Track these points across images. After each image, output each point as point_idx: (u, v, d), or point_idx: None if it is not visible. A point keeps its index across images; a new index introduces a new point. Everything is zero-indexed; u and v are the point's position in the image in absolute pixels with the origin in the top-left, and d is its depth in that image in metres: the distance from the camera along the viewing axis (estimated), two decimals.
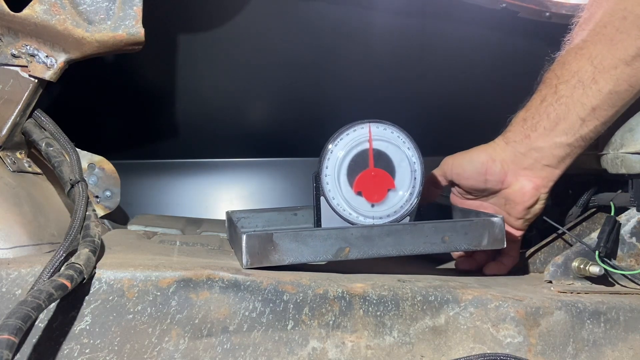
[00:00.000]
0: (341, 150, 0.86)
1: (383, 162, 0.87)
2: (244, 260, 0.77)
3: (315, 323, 0.75)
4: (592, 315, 0.81)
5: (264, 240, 0.78)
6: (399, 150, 0.87)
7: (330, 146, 0.86)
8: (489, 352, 0.77)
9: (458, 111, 1.43)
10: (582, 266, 0.87)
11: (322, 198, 0.86)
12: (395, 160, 0.87)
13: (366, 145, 0.86)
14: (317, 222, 0.88)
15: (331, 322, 0.76)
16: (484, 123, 1.44)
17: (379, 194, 0.86)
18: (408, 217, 0.88)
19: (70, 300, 0.69)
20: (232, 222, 0.96)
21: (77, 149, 0.94)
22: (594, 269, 0.86)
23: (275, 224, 1.06)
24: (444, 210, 1.01)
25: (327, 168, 0.86)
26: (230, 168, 1.56)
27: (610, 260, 0.89)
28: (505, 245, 0.86)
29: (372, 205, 0.87)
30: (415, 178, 0.87)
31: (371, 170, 0.86)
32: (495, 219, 0.85)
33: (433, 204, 1.04)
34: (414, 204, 0.87)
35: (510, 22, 1.15)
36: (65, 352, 0.68)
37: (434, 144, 1.43)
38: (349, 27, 1.24)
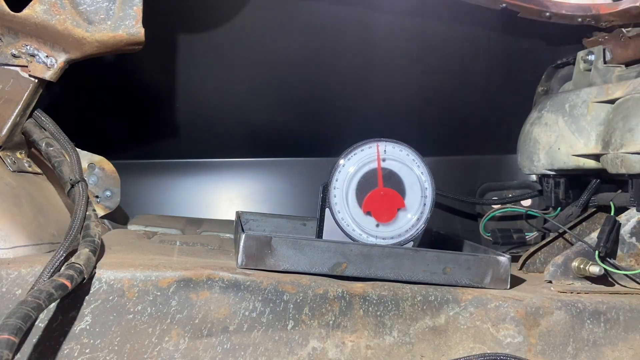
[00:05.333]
0: (352, 166, 0.85)
1: (394, 182, 0.85)
2: (239, 260, 0.77)
3: (315, 323, 0.75)
4: (592, 315, 0.81)
5: (262, 243, 0.78)
6: (411, 173, 0.85)
7: (341, 161, 0.85)
8: (489, 352, 0.77)
9: (457, 110, 1.42)
10: (582, 266, 0.87)
11: (327, 210, 0.85)
12: (407, 183, 0.85)
13: (378, 165, 0.84)
14: (319, 233, 0.87)
15: (331, 322, 0.76)
16: (484, 122, 1.45)
17: (389, 214, 0.85)
18: (412, 243, 0.86)
19: (70, 300, 0.69)
20: (239, 222, 0.96)
21: (77, 149, 0.94)
22: (594, 269, 0.86)
23: (283, 231, 1.05)
24: (454, 243, 0.99)
25: (336, 181, 0.84)
26: (231, 168, 1.56)
27: (610, 260, 0.90)
28: (509, 287, 0.83)
29: (377, 225, 0.85)
30: (424, 204, 0.86)
31: (380, 190, 0.85)
32: (501, 258, 0.83)
33: (445, 235, 1.03)
34: (420, 229, 0.86)
35: (510, 22, 1.15)
36: (65, 352, 0.68)
37: (434, 144, 1.43)
38: (350, 27, 1.24)
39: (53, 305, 0.68)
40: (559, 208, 1.10)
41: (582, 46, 1.16)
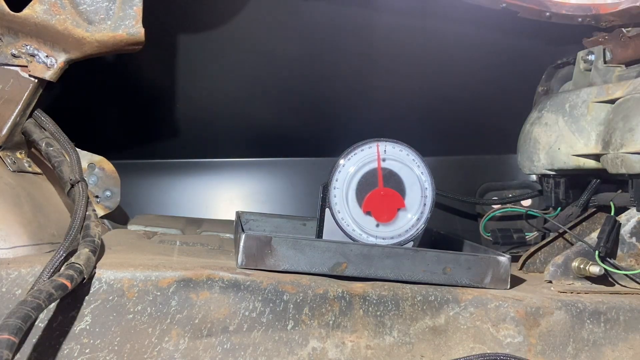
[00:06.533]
0: (352, 166, 0.85)
1: (394, 182, 0.85)
2: (239, 260, 0.77)
3: (315, 323, 0.75)
4: (592, 315, 0.81)
5: (262, 243, 0.78)
6: (411, 173, 0.85)
7: (341, 161, 0.85)
8: (489, 352, 0.77)
9: (457, 110, 1.42)
10: (582, 266, 0.87)
11: (327, 210, 0.85)
12: (407, 183, 0.85)
13: (377, 165, 0.85)
14: (319, 233, 0.87)
15: (331, 322, 0.76)
16: (483, 122, 1.45)
17: (389, 214, 0.85)
18: (412, 242, 0.86)
19: (70, 300, 0.69)
20: (239, 222, 0.96)
21: (77, 149, 0.94)
22: (594, 269, 0.86)
23: (283, 231, 1.05)
24: (454, 243, 0.99)
25: (336, 181, 0.84)
26: (231, 168, 1.56)
27: (610, 260, 0.90)
28: (509, 287, 0.83)
29: (377, 225, 0.85)
30: (424, 204, 0.86)
31: (380, 190, 0.85)
32: (501, 258, 0.83)
33: (445, 235, 1.03)
34: (420, 229, 0.86)
35: (510, 22, 1.15)
36: (65, 352, 0.68)
37: (434, 144, 1.43)
38: (349, 27, 1.24)
39: (53, 305, 0.68)
40: (559, 208, 1.10)
41: (582, 46, 1.16)
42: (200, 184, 1.54)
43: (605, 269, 0.87)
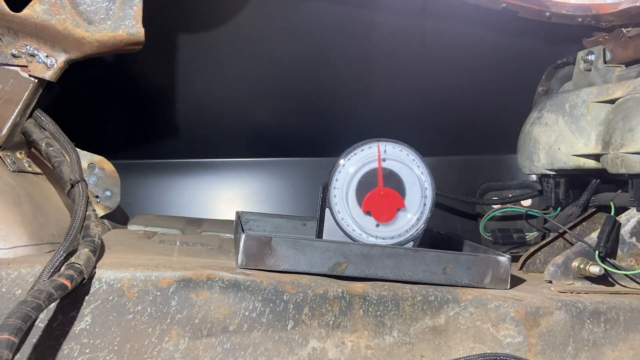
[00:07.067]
0: (352, 166, 0.85)
1: (394, 182, 0.85)
2: (239, 260, 0.77)
3: (315, 323, 0.75)
4: (592, 315, 0.81)
5: (262, 243, 0.78)
6: (411, 173, 0.86)
7: (341, 161, 0.85)
8: (489, 352, 0.77)
9: (457, 110, 1.42)
10: (582, 266, 0.87)
11: (327, 210, 0.85)
12: (407, 183, 0.86)
13: (378, 165, 0.85)
14: (319, 234, 0.87)
15: (331, 322, 0.76)
16: (483, 121, 1.45)
17: (389, 214, 0.85)
18: (412, 242, 0.86)
19: (70, 300, 0.69)
20: (239, 222, 0.96)
21: (77, 149, 0.94)
22: (594, 269, 0.86)
23: (283, 231, 1.05)
24: (454, 243, 0.99)
25: (336, 181, 0.84)
26: (231, 168, 1.56)
27: (610, 260, 0.90)
28: (509, 287, 0.83)
29: (377, 225, 0.85)
30: (424, 204, 0.86)
31: (380, 190, 0.85)
32: (501, 258, 0.83)
33: (445, 235, 1.03)
34: (420, 229, 0.86)
35: (510, 22, 1.15)
36: (65, 352, 0.68)
37: (434, 144, 1.43)
38: (350, 27, 1.24)
39: (53, 305, 0.68)
40: (559, 208, 1.10)
41: (582, 46, 1.16)
42: (200, 184, 1.54)
43: (605, 269, 0.87)
